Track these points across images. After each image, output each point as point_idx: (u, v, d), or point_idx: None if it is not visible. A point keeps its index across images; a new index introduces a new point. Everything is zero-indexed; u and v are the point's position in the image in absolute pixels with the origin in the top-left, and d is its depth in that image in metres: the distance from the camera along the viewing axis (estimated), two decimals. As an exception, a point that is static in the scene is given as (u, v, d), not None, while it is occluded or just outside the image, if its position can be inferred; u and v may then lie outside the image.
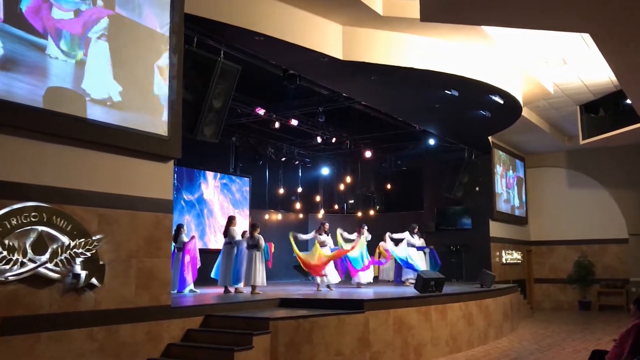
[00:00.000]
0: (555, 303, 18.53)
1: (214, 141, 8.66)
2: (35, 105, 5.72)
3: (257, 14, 8.20)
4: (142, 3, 6.89)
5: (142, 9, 6.89)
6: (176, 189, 13.53)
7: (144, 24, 6.89)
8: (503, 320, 11.99)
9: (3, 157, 5.58)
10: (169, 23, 7.18)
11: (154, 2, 7.03)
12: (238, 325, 7.41)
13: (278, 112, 13.27)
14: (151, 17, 6.98)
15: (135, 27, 6.81)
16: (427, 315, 9.35)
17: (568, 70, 11.93)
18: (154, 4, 7.03)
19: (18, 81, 5.59)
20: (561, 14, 6.68)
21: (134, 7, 6.79)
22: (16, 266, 5.47)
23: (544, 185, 19.11)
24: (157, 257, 6.97)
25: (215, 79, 8.12)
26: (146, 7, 6.93)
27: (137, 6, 6.84)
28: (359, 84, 10.75)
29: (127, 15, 6.70)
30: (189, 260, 10.85)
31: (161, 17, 7.12)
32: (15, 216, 5.51)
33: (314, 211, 18.48)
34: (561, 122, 16.12)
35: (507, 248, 17.30)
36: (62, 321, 5.89)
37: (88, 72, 6.26)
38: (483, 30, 9.42)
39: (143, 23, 6.88)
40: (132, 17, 6.76)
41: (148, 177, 6.99)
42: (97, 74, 6.37)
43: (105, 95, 6.42)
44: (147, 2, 6.95)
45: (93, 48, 6.34)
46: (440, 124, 13.96)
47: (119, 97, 6.56)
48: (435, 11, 6.99)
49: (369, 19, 9.05)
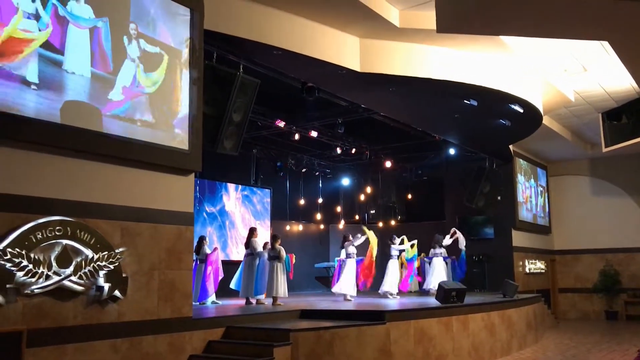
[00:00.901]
0: (581, 313, 18.26)
1: (234, 154, 8.77)
2: (54, 120, 5.83)
3: (275, 29, 8.33)
4: (156, 19, 7.03)
5: (157, 25, 7.00)
6: (198, 201, 13.69)
7: (158, 39, 7.02)
8: (526, 331, 11.86)
9: (28, 173, 5.74)
10: (188, 39, 7.32)
11: (170, 19, 7.17)
12: (259, 337, 7.45)
13: (298, 124, 13.38)
14: (165, 33, 7.09)
15: (152, 42, 6.94)
16: (448, 326, 9.31)
17: (588, 78, 11.84)
18: (169, 20, 7.16)
19: (39, 97, 5.73)
20: (578, 22, 6.67)
21: (147, 24, 6.90)
22: (41, 279, 5.60)
23: (567, 194, 18.90)
24: (178, 269, 7.07)
25: (234, 93, 8.23)
26: (161, 24, 7.07)
27: (152, 22, 6.96)
28: (377, 95, 10.80)
29: (142, 31, 6.83)
30: (211, 272, 10.96)
31: (178, 34, 7.25)
32: (40, 230, 5.65)
33: (334, 222, 18.50)
34: (583, 129, 15.98)
35: (531, 257, 17.13)
36: (86, 333, 6.00)
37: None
38: (500, 39, 9.42)
39: (158, 39, 7.01)
40: (147, 33, 6.88)
41: (169, 190, 7.11)
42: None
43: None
44: (162, 19, 7.09)
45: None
46: (460, 133, 13.93)
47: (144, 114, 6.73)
48: (451, 22, 7.04)
49: (385, 31, 9.11)
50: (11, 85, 5.53)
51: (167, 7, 7.13)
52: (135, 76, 6.68)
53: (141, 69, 6.76)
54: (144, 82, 6.78)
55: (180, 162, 7.16)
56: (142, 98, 6.74)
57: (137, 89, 6.70)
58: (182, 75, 7.27)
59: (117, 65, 6.51)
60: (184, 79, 7.29)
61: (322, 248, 18.06)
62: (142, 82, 6.77)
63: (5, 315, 5.38)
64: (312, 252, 17.23)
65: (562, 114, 14.24)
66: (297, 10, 8.50)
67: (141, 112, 6.72)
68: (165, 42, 7.09)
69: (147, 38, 6.87)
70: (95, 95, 6.25)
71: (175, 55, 7.20)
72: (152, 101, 6.86)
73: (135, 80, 6.68)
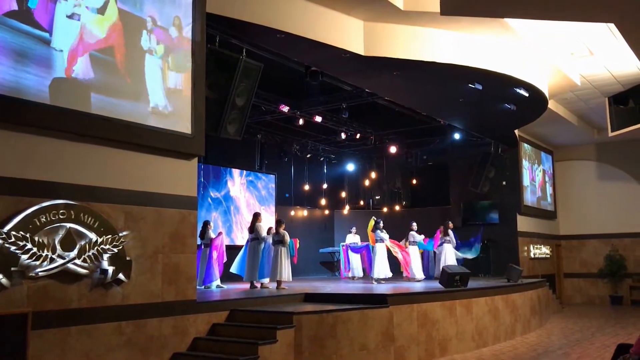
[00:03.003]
0: (586, 298, 18.26)
1: (237, 138, 8.77)
2: (43, 98, 5.76)
3: (278, 12, 8.27)
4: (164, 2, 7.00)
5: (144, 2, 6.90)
6: (203, 187, 13.72)
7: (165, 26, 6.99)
8: (531, 315, 11.88)
9: (32, 157, 5.77)
10: (190, 23, 7.30)
11: (174, 2, 7.14)
12: (263, 320, 7.51)
13: (302, 109, 13.34)
14: (152, 10, 6.99)
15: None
16: (451, 310, 9.33)
17: (595, 61, 11.72)
18: (174, 4, 7.13)
19: (26, 73, 5.67)
20: (583, 4, 6.60)
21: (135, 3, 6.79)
22: (46, 262, 5.65)
23: (573, 179, 18.84)
24: (182, 252, 7.10)
25: (237, 77, 8.22)
26: (168, 7, 7.04)
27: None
28: (382, 79, 10.74)
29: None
30: (215, 256, 11.01)
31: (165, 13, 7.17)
32: (44, 214, 5.69)
33: (339, 207, 18.52)
34: (589, 114, 15.86)
35: (536, 242, 17.11)
36: (91, 315, 6.06)
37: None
38: (506, 22, 9.33)
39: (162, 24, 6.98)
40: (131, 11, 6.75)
41: (173, 174, 7.12)
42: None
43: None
44: (170, 6, 7.06)
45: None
46: (465, 118, 13.85)
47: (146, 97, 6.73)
48: (455, 4, 6.98)
49: (390, 14, 9.03)
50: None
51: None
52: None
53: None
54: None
55: (183, 146, 7.18)
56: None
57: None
58: (186, 60, 7.24)
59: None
60: (188, 63, 7.26)
61: (327, 233, 18.10)
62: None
63: (10, 297, 5.44)
64: (317, 238, 17.27)
65: (568, 98, 14.13)
66: (300, -7, 8.45)
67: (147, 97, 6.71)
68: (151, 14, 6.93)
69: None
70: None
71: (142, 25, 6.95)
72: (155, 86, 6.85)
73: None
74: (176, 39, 7.17)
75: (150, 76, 6.85)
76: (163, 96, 6.96)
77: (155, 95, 6.87)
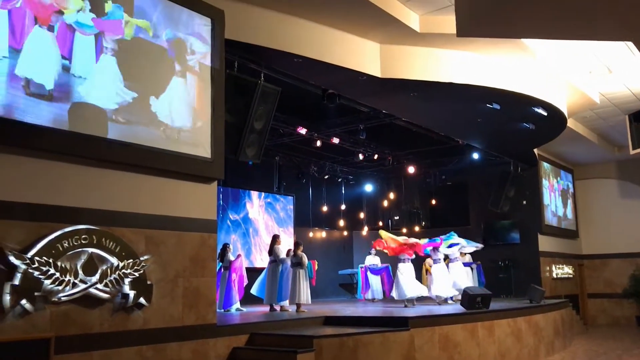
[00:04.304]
0: (611, 319, 17.90)
1: (256, 161, 8.83)
2: (62, 126, 5.85)
3: (295, 37, 8.38)
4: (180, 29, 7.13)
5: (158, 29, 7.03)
6: (222, 209, 13.80)
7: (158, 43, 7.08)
8: (554, 337, 11.67)
9: (55, 183, 5.85)
10: (210, 50, 7.41)
11: (194, 31, 7.27)
12: (283, 344, 7.46)
13: (319, 130, 13.41)
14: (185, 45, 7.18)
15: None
16: (473, 332, 9.21)
17: (614, 79, 11.66)
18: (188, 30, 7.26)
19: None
20: (600, 23, 6.57)
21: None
22: (68, 287, 5.70)
23: (595, 197, 18.61)
24: (202, 276, 7.12)
25: (256, 101, 8.30)
26: (182, 34, 7.17)
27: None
28: (399, 100, 10.78)
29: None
30: (235, 279, 11.03)
31: (200, 44, 7.35)
32: (67, 239, 5.75)
33: (358, 228, 18.47)
34: (609, 132, 15.72)
35: (558, 262, 16.87)
36: (112, 340, 6.07)
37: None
38: (522, 42, 9.34)
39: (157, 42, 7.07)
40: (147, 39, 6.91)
41: (193, 198, 7.18)
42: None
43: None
44: (185, 30, 7.19)
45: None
46: (484, 137, 13.82)
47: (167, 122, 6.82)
48: (470, 26, 6.97)
49: (406, 36, 9.10)
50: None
51: (170, 12, 7.11)
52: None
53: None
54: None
55: (203, 170, 7.23)
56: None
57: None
58: (206, 85, 7.36)
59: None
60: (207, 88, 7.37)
61: (346, 255, 18.04)
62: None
63: (34, 322, 5.48)
64: (335, 259, 17.23)
65: (587, 116, 14.04)
66: (317, 17, 8.54)
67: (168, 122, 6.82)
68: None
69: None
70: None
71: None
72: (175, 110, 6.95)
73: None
74: (192, 65, 7.26)
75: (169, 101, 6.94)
76: (183, 121, 7.04)
77: (175, 121, 6.96)
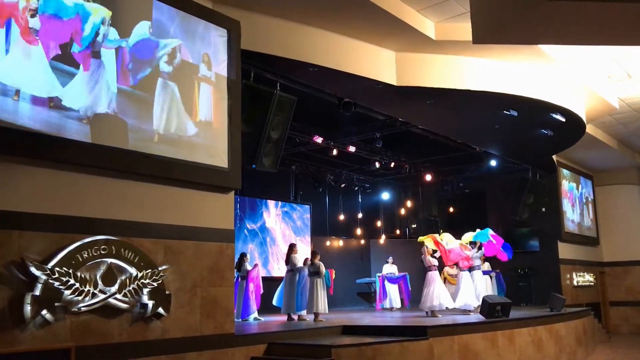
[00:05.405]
0: (635, 327, 17.58)
1: (273, 171, 8.84)
2: (84, 135, 5.93)
3: (310, 46, 8.40)
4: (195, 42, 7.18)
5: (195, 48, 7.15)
6: (239, 219, 13.83)
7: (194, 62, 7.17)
8: (576, 346, 11.50)
9: (75, 194, 5.91)
10: (225, 60, 7.46)
11: (204, 40, 7.32)
12: (301, 353, 7.43)
13: (335, 139, 13.42)
14: (184, 50, 7.14)
15: (191, 66, 7.10)
16: (493, 342, 9.10)
17: (633, 84, 11.51)
18: (204, 42, 7.31)
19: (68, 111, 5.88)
20: (618, 27, 6.50)
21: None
22: (88, 297, 5.74)
23: (615, 204, 18.35)
24: (220, 285, 7.14)
25: (272, 111, 8.32)
26: (198, 45, 7.22)
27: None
28: (415, 108, 10.75)
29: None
30: (252, 289, 11.03)
31: (216, 55, 7.40)
32: (86, 249, 5.80)
33: (375, 237, 18.41)
34: (630, 137, 15.52)
35: (579, 270, 16.65)
36: (131, 350, 6.10)
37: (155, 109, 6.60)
38: (539, 48, 9.27)
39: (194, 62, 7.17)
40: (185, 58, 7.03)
41: (210, 208, 7.20)
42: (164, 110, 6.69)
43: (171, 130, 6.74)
44: (200, 43, 7.24)
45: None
46: (501, 144, 13.71)
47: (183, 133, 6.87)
48: (487, 33, 6.92)
49: (421, 44, 9.08)
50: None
51: (187, 24, 7.17)
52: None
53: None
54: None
55: (220, 180, 7.27)
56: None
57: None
58: (222, 96, 7.40)
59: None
60: (224, 99, 7.42)
61: (364, 263, 17.97)
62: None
63: (54, 332, 5.53)
64: (353, 268, 17.16)
65: (606, 121, 13.87)
66: (331, 26, 8.56)
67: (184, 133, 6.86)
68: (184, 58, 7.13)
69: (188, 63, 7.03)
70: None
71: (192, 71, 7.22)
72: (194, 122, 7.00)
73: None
74: (206, 75, 7.30)
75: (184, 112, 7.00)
76: (199, 131, 7.09)
77: (192, 131, 7.01)
